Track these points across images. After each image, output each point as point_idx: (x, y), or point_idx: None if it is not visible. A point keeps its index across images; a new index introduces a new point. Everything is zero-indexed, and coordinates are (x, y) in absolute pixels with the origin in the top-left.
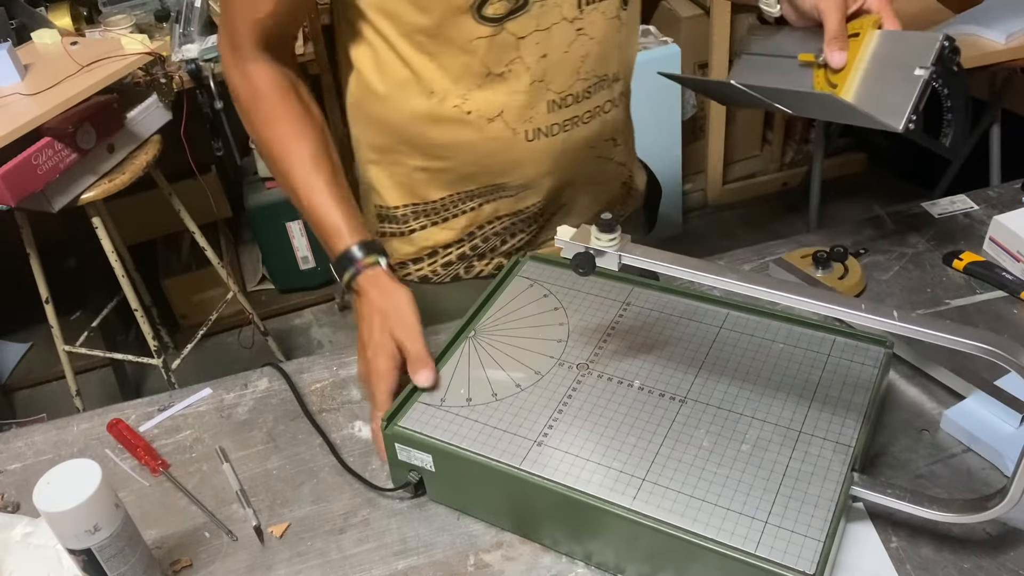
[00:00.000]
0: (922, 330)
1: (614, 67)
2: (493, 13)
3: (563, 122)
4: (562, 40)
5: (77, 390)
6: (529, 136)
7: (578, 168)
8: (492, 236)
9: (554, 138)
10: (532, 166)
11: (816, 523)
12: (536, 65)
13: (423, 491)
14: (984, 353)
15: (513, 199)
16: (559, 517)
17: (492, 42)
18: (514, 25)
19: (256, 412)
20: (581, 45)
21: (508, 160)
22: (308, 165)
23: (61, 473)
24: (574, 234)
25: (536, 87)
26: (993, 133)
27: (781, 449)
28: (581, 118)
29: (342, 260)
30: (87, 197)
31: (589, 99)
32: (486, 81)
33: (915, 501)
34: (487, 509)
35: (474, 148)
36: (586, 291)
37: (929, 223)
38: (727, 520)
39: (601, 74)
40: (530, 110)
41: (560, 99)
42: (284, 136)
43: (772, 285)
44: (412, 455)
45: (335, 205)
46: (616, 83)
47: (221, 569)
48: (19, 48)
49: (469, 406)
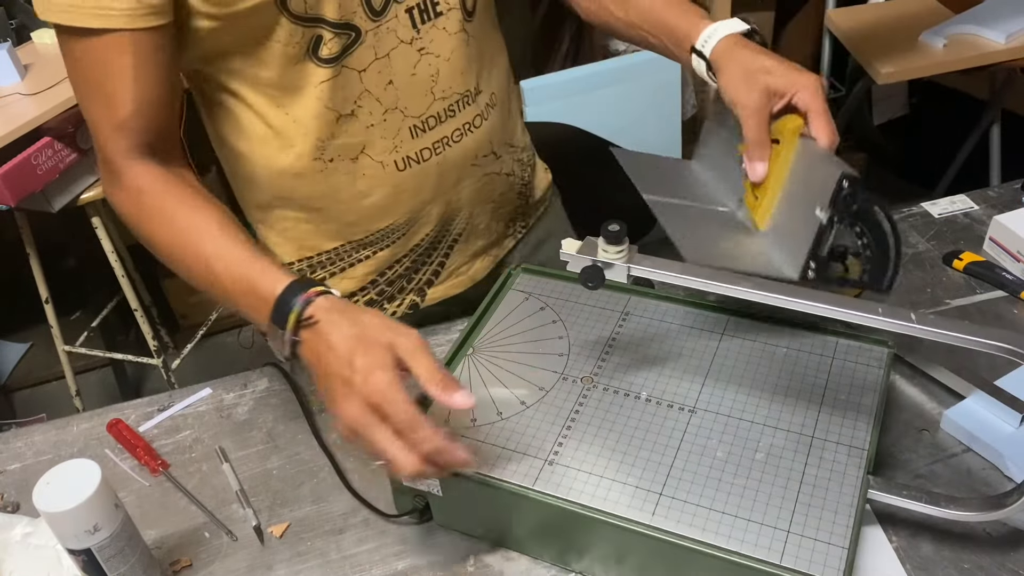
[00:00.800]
0: (943, 332)
1: (472, 82)
2: (329, 54)
3: (432, 145)
4: (405, 64)
5: (77, 390)
6: (400, 166)
7: (464, 189)
8: (396, 279)
9: (427, 163)
10: (412, 195)
11: (838, 530)
12: (385, 94)
13: (429, 516)
14: (1008, 354)
15: (405, 237)
16: (576, 537)
17: (335, 83)
18: (352, 60)
19: (256, 412)
20: (428, 65)
21: (385, 195)
22: (215, 231)
23: (61, 473)
24: (580, 247)
25: (392, 115)
26: (993, 133)
27: (796, 456)
28: (451, 138)
29: (281, 303)
30: (87, 197)
31: (454, 117)
32: (339, 125)
33: (932, 502)
34: (499, 532)
35: (348, 191)
36: (583, 302)
37: (929, 223)
38: (748, 531)
39: (461, 91)
40: (392, 139)
41: (421, 123)
42: (181, 219)
43: (789, 292)
44: (417, 480)
45: (256, 257)
46: (480, 95)
47: (221, 569)
48: (19, 48)
49: (475, 427)
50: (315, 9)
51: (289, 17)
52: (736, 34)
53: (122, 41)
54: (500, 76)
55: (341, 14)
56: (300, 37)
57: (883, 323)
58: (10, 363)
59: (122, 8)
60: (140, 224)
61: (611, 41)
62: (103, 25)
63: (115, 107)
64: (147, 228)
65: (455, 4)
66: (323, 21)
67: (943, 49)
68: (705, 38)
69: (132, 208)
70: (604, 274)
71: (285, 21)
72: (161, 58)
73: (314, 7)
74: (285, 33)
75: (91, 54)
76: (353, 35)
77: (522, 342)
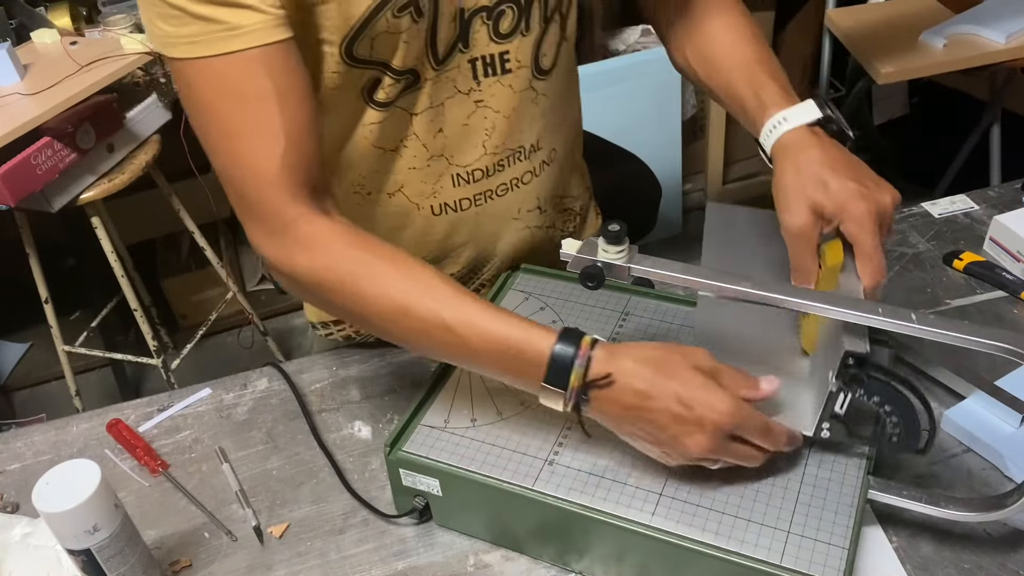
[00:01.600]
0: (943, 332)
1: (532, 138)
2: (385, 97)
3: (473, 196)
4: (458, 114)
5: (76, 390)
6: (435, 211)
7: (500, 240)
8: None
9: (465, 212)
10: (444, 238)
11: (838, 530)
12: (432, 141)
13: (429, 516)
14: (1008, 354)
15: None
16: (576, 537)
17: (384, 125)
18: (405, 102)
19: (256, 412)
20: (483, 118)
21: (416, 233)
22: (448, 292)
23: (60, 473)
24: (580, 247)
25: (436, 162)
26: (993, 133)
27: (796, 456)
28: (495, 191)
29: (558, 365)
30: (86, 197)
31: (502, 172)
32: (380, 160)
33: (932, 502)
34: (499, 532)
35: (378, 221)
36: (583, 302)
37: (929, 223)
38: (748, 532)
39: (514, 147)
40: (432, 184)
41: (467, 173)
42: (399, 283)
43: (789, 292)
44: (417, 480)
45: (504, 315)
46: (538, 152)
47: (221, 569)
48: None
49: (475, 427)
50: (380, 54)
51: (350, 62)
52: (803, 126)
53: (255, 62)
54: (567, 132)
55: (405, 61)
56: (358, 79)
57: (883, 323)
58: (10, 363)
59: (252, 23)
60: (340, 290)
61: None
62: (236, 47)
63: (265, 145)
64: (353, 294)
65: (526, 63)
66: (386, 66)
67: (943, 49)
68: (770, 129)
69: (326, 273)
70: (604, 274)
71: (344, 66)
72: (299, 75)
73: (380, 52)
74: (342, 78)
75: (223, 87)
76: (412, 78)
77: None
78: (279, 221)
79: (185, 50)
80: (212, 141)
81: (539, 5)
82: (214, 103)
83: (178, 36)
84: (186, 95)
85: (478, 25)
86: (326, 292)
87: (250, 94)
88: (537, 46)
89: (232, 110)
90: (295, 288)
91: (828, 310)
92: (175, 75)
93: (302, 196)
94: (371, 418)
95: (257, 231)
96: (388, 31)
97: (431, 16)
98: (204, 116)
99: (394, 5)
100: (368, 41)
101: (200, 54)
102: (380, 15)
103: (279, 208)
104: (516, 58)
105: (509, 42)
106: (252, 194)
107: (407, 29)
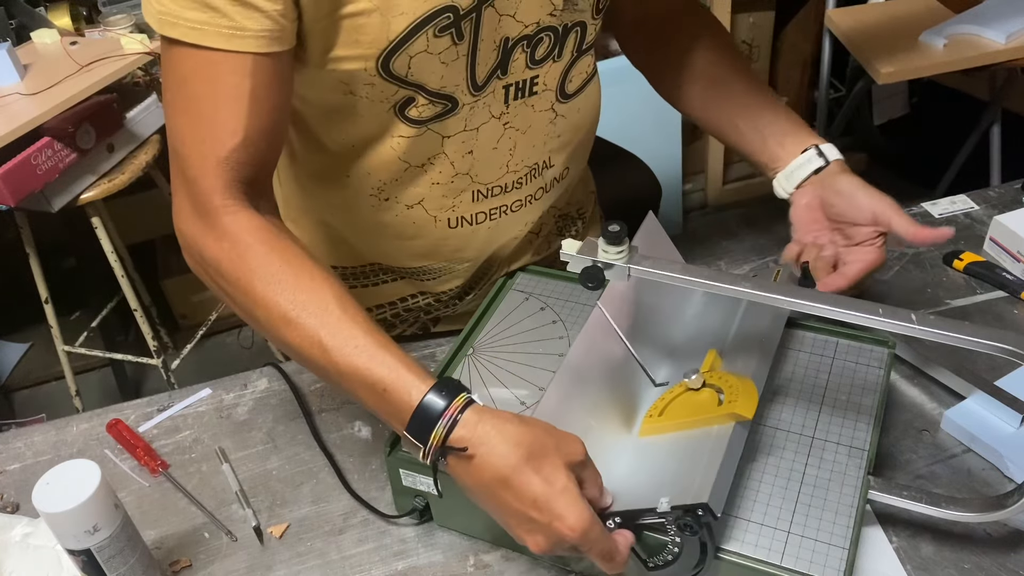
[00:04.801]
0: (943, 332)
1: (545, 155)
2: (417, 116)
3: (489, 211)
4: (490, 137)
5: (76, 390)
6: (451, 224)
7: (504, 250)
8: (414, 308)
9: (479, 226)
10: (454, 251)
11: (838, 530)
12: (461, 161)
13: (429, 517)
14: (1008, 354)
15: (435, 282)
16: None
17: (414, 141)
18: (439, 125)
19: (256, 412)
20: (509, 139)
21: (427, 244)
22: (336, 314)
23: (60, 473)
24: (580, 247)
25: (460, 179)
26: (993, 133)
27: (796, 456)
28: (509, 207)
29: (423, 419)
30: (86, 197)
31: (519, 189)
32: (405, 173)
33: (932, 502)
34: (499, 532)
35: (393, 230)
36: (583, 302)
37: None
38: (749, 532)
39: (531, 163)
40: (453, 199)
41: (486, 189)
42: (294, 292)
43: (789, 293)
44: (418, 480)
45: (383, 349)
46: (550, 169)
47: (221, 569)
48: (19, 48)
49: None
50: (417, 76)
51: (386, 77)
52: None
53: (245, 64)
54: (579, 153)
55: (442, 85)
56: (392, 94)
57: (883, 323)
58: (10, 363)
59: (256, 30)
60: (236, 283)
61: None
62: (234, 47)
63: (221, 136)
64: (246, 291)
65: (552, 86)
66: (422, 88)
67: (943, 49)
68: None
69: (228, 264)
70: (604, 274)
71: (379, 80)
72: (278, 87)
73: (417, 73)
74: (375, 91)
75: (206, 74)
76: (449, 105)
77: (522, 342)
78: (206, 204)
79: (184, 33)
80: (176, 115)
81: (575, 37)
82: (191, 83)
83: (182, 18)
84: (167, 69)
85: (518, 53)
86: (223, 282)
87: (227, 89)
88: (566, 72)
89: (205, 96)
90: (200, 272)
91: (828, 310)
92: (163, 48)
93: (236, 190)
94: (371, 418)
95: (184, 206)
96: (427, 51)
97: (471, 41)
98: (177, 91)
99: (436, 25)
100: (406, 58)
101: (198, 42)
102: (421, 33)
103: (209, 193)
104: (544, 82)
105: (541, 67)
106: (192, 172)
107: (446, 50)
